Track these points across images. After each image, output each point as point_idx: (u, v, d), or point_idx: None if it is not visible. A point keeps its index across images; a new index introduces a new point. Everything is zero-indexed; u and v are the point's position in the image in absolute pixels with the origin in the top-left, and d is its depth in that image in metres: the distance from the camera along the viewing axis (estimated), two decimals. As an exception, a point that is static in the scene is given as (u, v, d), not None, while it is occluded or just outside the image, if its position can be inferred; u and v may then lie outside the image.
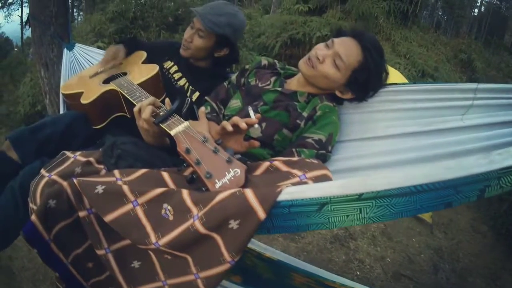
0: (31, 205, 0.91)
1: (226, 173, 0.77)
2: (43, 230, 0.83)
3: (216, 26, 1.44)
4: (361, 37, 1.18)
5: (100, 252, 0.83)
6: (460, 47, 7.89)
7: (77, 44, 2.05)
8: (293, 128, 1.16)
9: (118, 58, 1.54)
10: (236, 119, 0.91)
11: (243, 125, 0.88)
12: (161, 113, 0.99)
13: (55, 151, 1.14)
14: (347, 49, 1.16)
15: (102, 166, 0.97)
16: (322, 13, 5.87)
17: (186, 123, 0.91)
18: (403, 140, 1.18)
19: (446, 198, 0.66)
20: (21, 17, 19.70)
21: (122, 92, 1.24)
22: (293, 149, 1.10)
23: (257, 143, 0.94)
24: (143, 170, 0.88)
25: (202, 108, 1.11)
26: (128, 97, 1.17)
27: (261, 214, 0.66)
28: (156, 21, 4.71)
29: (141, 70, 1.43)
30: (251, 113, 1.12)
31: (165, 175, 0.86)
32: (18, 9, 20.33)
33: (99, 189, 0.77)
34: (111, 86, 1.32)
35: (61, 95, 1.56)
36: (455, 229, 3.29)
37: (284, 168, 0.83)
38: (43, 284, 2.18)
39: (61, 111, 1.57)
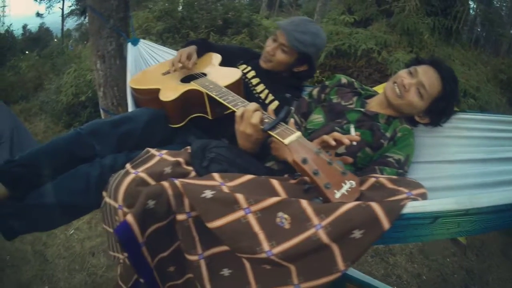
0: (107, 199, 0.90)
1: (343, 184, 0.80)
2: (139, 232, 0.79)
3: (301, 44, 1.44)
4: (440, 67, 1.25)
5: (192, 257, 0.81)
6: (500, 67, 7.69)
7: (141, 40, 2.07)
8: (377, 147, 1.22)
9: (191, 61, 1.49)
10: (338, 134, 0.93)
11: (346, 141, 0.90)
12: (265, 120, 1.01)
13: (134, 148, 1.17)
14: (429, 79, 1.23)
15: (191, 168, 0.97)
16: (367, 25, 5.84)
17: (298, 133, 0.92)
18: (471, 166, 1.25)
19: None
20: (62, 9, 20.37)
21: (210, 93, 1.23)
22: (376, 167, 1.16)
23: (350, 159, 0.96)
24: (248, 176, 0.89)
25: (292, 120, 1.14)
26: (221, 100, 1.17)
27: (386, 225, 0.69)
28: (205, 22, 4.73)
29: (222, 73, 1.43)
30: (352, 130, 1.19)
31: (275, 182, 0.88)
32: (59, 1, 21.03)
33: (207, 193, 0.76)
34: (194, 86, 1.32)
35: (129, 89, 1.56)
36: (486, 252, 3.22)
37: (389, 185, 0.87)
38: (79, 274, 2.13)
39: (130, 105, 1.56)
